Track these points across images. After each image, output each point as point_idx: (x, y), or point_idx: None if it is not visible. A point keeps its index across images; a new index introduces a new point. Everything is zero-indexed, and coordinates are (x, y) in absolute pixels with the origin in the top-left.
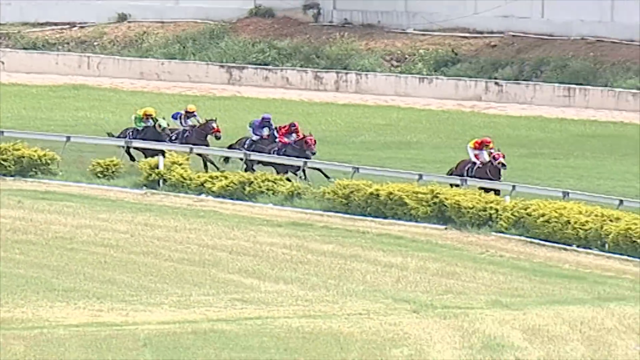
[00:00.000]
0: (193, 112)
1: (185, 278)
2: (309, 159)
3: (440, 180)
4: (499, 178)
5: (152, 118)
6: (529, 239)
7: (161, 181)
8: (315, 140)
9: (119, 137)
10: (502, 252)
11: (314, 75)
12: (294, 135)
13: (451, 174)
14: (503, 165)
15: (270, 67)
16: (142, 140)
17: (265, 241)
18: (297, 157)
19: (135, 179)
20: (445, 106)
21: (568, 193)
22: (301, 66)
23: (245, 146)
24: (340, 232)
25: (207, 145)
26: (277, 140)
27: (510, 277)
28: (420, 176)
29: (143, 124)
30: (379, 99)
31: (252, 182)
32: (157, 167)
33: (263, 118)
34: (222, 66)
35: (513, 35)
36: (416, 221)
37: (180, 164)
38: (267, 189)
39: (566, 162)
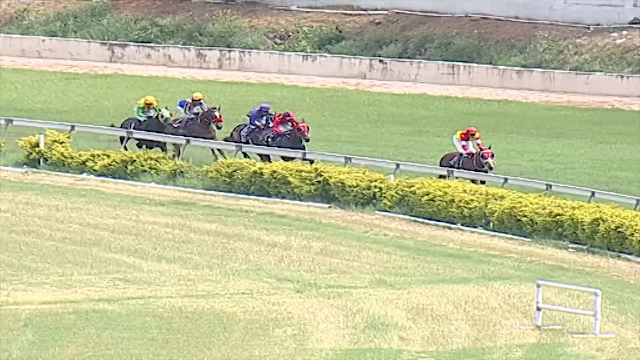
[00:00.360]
0: (199, 100)
1: (67, 257)
2: (304, 148)
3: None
4: (486, 171)
5: (153, 108)
6: (413, 218)
7: (41, 160)
8: (308, 127)
9: (121, 127)
10: (386, 231)
11: (196, 53)
12: (288, 124)
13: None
14: (490, 167)
15: (152, 44)
16: (145, 131)
17: (147, 220)
18: (292, 147)
19: (16, 157)
20: (329, 84)
21: (453, 171)
22: (184, 44)
23: (243, 134)
24: (223, 211)
25: (211, 134)
26: (271, 128)
27: (394, 256)
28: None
29: (145, 115)
30: (262, 76)
31: (134, 160)
32: (38, 146)
33: (261, 108)
34: (103, 44)
35: (397, 13)
36: (300, 200)
37: (61, 142)
38: (150, 168)
39: (450, 140)
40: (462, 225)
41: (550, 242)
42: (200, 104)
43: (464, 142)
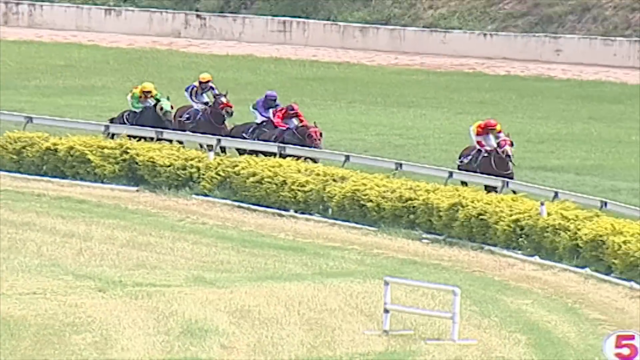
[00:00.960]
0: (208, 82)
1: None
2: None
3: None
4: (507, 171)
5: (152, 97)
6: (237, 203)
7: None
8: (321, 133)
9: (112, 120)
10: (205, 219)
11: None
12: (294, 120)
13: (461, 165)
14: (508, 156)
15: None
16: (139, 125)
17: None
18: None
19: None
20: (137, 43)
21: (285, 148)
22: None
23: (250, 133)
24: (10, 194)
25: (225, 130)
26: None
27: (214, 249)
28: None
29: (141, 105)
30: (56, 34)
31: None
32: None
33: (267, 96)
34: None
35: None
36: (102, 182)
37: None
38: None
39: None
40: (295, 211)
41: (400, 231)
42: (211, 88)
43: (480, 137)
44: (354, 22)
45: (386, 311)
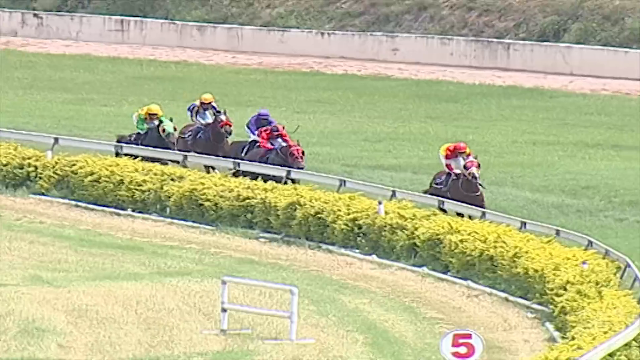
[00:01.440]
0: (210, 102)
1: None
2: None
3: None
4: (476, 192)
5: (157, 118)
6: (74, 202)
7: None
8: (303, 151)
9: (118, 142)
10: (43, 218)
11: None
12: (279, 140)
13: (434, 191)
14: (475, 177)
15: None
16: (143, 146)
17: None
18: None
19: None
20: None
21: (121, 147)
22: None
23: (243, 153)
24: None
25: (224, 150)
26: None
27: (52, 248)
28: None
29: (146, 126)
30: None
31: None
32: None
33: (259, 115)
34: None
35: None
36: None
37: None
38: None
39: (119, 110)
40: (133, 211)
41: (238, 230)
42: (213, 107)
43: (449, 161)
44: (191, 21)
45: (224, 310)
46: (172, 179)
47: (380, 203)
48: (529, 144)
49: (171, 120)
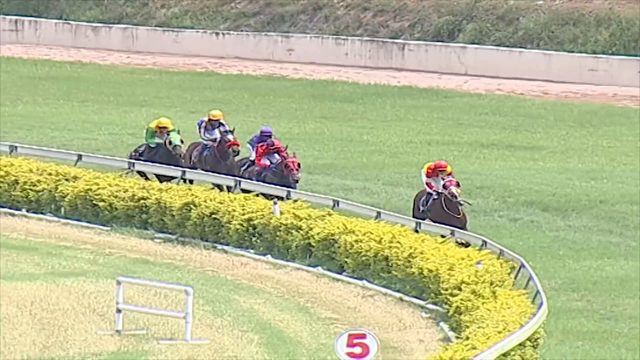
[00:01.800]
0: (218, 119)
1: None
2: (292, 187)
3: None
4: (458, 214)
5: (167, 132)
6: None
7: None
8: (299, 164)
9: (130, 157)
10: None
11: None
12: (276, 156)
13: (417, 214)
14: (454, 196)
15: None
16: (151, 162)
17: None
18: (280, 184)
19: None
20: None
21: (16, 147)
22: None
23: (244, 169)
24: None
25: (227, 167)
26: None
27: None
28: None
29: (156, 140)
30: None
31: None
32: None
33: (261, 132)
34: None
35: None
36: None
37: None
38: None
39: (14, 110)
40: (27, 211)
41: (133, 231)
42: (221, 125)
43: (429, 180)
44: (86, 21)
45: (119, 311)
46: (66, 179)
47: (275, 203)
48: (424, 144)
49: (178, 132)
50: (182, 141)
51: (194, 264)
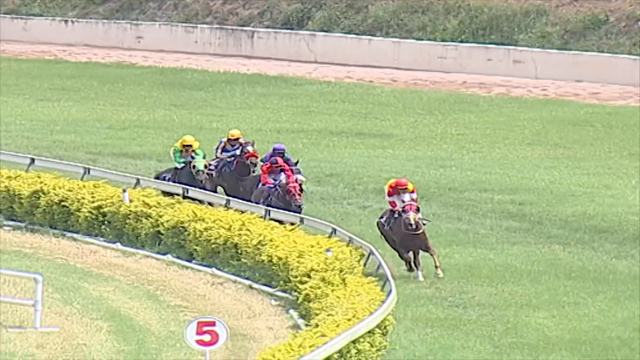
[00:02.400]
0: (237, 139)
1: None
2: (298, 212)
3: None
4: (417, 232)
5: (192, 151)
6: None
7: None
8: (301, 187)
9: (156, 177)
10: None
11: None
12: (282, 174)
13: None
14: (410, 224)
15: None
16: (177, 183)
17: None
18: (283, 209)
19: None
20: None
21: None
22: None
23: (256, 187)
24: None
25: (247, 183)
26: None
27: None
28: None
29: (182, 160)
30: None
31: None
32: None
33: (274, 150)
34: None
35: None
36: None
37: None
38: None
39: None
40: None
41: None
42: (243, 145)
43: (391, 199)
44: None
45: None
46: None
47: (124, 191)
48: (273, 132)
49: (204, 157)
50: (206, 166)
51: (43, 252)
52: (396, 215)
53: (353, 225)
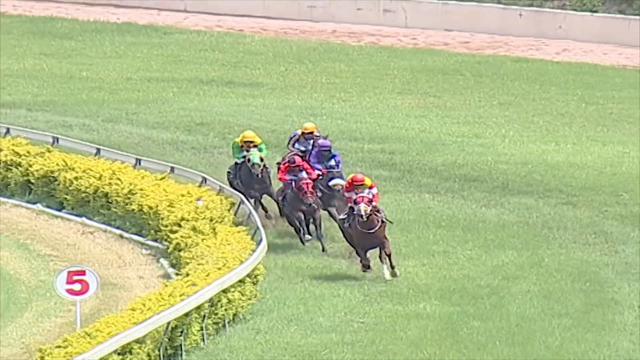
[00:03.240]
0: (311, 132)
1: None
2: (308, 210)
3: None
4: (372, 229)
5: (254, 146)
6: None
7: None
8: (313, 186)
9: (228, 177)
10: None
11: None
12: (303, 174)
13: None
14: (360, 216)
15: None
16: (240, 181)
17: None
18: (299, 209)
19: None
20: None
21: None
22: None
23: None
24: None
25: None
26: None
27: None
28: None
29: (242, 155)
30: None
31: None
32: None
33: (320, 147)
34: None
35: None
36: None
37: None
38: None
39: None
40: None
41: None
42: (315, 138)
43: (349, 195)
44: None
45: None
46: None
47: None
48: (143, 81)
49: (260, 150)
50: (261, 159)
51: None
52: (355, 212)
53: (223, 175)
